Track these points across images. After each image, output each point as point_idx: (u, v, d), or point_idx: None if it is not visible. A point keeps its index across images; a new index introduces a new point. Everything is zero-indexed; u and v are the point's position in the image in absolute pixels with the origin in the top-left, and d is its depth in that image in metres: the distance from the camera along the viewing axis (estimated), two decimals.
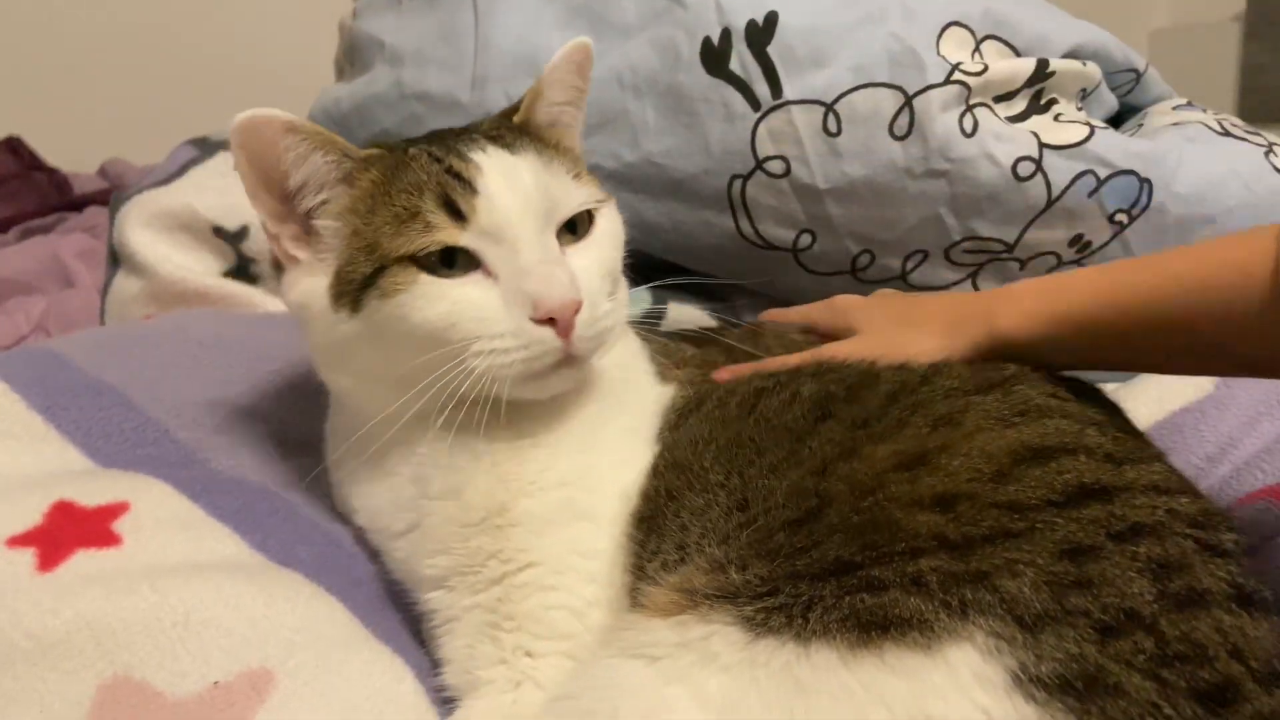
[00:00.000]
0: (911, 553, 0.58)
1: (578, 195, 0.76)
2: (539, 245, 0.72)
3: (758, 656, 0.57)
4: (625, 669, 0.60)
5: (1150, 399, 0.98)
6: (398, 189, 0.72)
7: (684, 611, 0.60)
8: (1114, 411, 0.76)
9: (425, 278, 0.70)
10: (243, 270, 1.28)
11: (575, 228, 0.76)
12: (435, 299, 0.70)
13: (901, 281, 1.14)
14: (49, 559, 0.69)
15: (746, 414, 0.74)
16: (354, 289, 0.71)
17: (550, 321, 0.69)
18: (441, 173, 0.72)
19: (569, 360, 0.72)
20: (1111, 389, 1.06)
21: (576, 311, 0.70)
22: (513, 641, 0.71)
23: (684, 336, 0.92)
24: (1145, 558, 0.58)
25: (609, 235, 0.78)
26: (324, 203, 0.74)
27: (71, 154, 2.34)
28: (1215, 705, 0.53)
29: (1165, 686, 0.53)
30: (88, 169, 2.35)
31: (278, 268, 0.79)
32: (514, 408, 0.73)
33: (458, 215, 0.70)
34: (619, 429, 0.77)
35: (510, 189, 0.72)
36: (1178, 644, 0.55)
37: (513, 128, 0.80)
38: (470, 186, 0.71)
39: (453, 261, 0.71)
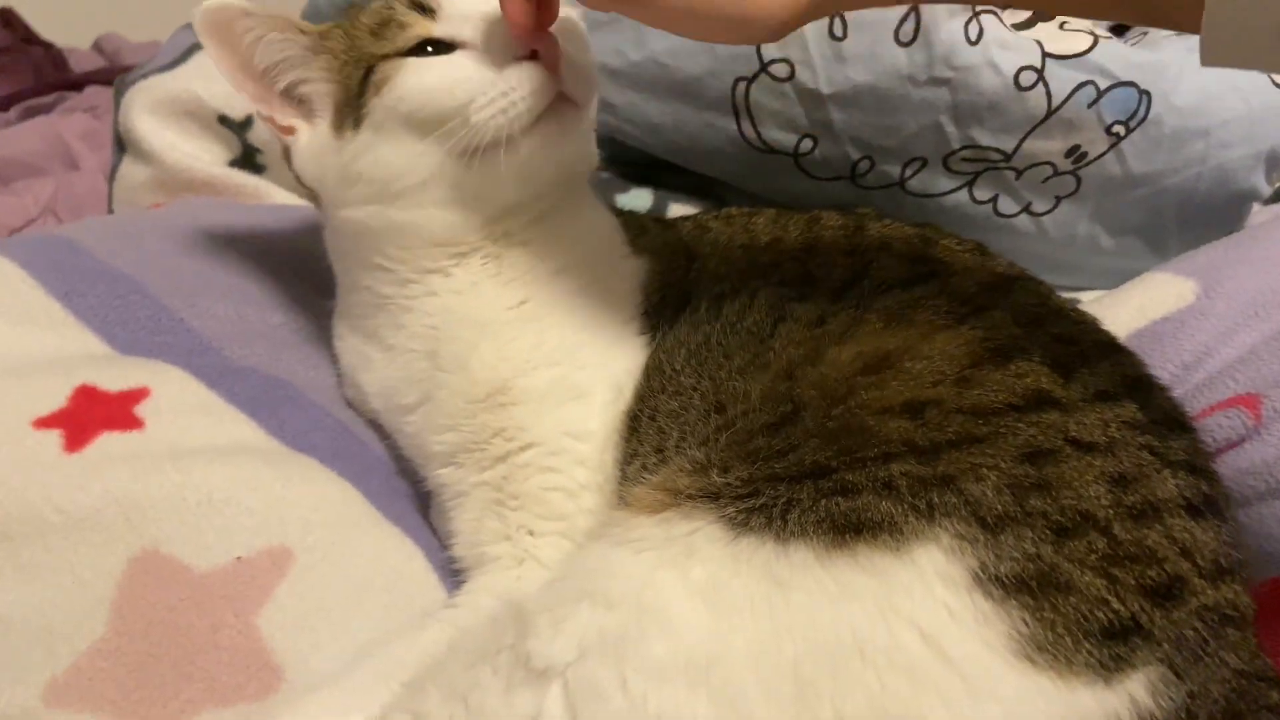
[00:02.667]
0: (883, 458, 0.61)
1: None
2: None
3: (740, 554, 0.59)
4: (615, 555, 0.63)
5: (1132, 308, 0.97)
6: (364, 17, 0.78)
7: (668, 509, 0.63)
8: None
9: (411, 59, 0.75)
10: (248, 160, 1.27)
11: None
12: (423, 71, 0.74)
13: (900, 188, 1.15)
14: (75, 440, 0.72)
15: (713, 318, 0.77)
16: (352, 103, 0.76)
17: (534, 56, 0.72)
18: None
19: (565, 100, 0.74)
20: (1094, 297, 1.09)
21: (556, 45, 0.73)
22: (516, 520, 0.75)
23: (655, 219, 0.96)
24: (1101, 468, 0.60)
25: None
26: (300, 81, 0.78)
27: (63, 28, 2.29)
28: (1162, 600, 0.57)
29: (1114, 583, 0.56)
30: (80, 44, 2.30)
31: (288, 157, 0.82)
32: (508, 268, 0.79)
33: (428, 11, 0.75)
34: (600, 303, 0.80)
35: None
36: (1130, 546, 0.58)
37: None
38: None
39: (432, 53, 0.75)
